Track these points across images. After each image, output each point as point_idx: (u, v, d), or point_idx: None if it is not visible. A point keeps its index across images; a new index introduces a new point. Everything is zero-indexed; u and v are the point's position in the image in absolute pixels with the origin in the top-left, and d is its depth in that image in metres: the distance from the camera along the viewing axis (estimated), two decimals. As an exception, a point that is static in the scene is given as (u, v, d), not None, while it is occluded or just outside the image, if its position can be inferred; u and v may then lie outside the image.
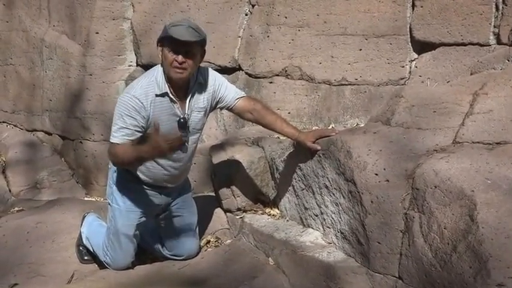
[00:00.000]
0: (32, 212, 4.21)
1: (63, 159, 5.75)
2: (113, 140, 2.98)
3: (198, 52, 2.99)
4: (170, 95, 3.01)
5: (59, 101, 5.66)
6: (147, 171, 3.16)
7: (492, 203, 2.35)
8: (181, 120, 3.06)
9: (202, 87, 3.14)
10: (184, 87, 3.07)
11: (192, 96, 3.10)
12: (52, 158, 5.74)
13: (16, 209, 4.82)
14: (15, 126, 6.16)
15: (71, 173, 5.66)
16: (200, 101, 3.14)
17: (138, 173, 3.18)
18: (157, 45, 3.01)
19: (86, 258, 3.53)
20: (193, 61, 2.97)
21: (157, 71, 3.04)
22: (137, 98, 2.94)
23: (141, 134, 2.99)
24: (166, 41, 2.93)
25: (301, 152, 3.28)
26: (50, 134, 5.88)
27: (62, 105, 5.64)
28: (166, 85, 3.00)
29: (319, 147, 3.12)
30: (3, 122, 6.26)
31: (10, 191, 5.32)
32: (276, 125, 3.25)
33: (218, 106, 3.29)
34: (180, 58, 2.92)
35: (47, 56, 5.74)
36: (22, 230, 3.83)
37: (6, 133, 6.06)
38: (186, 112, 3.08)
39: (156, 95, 2.99)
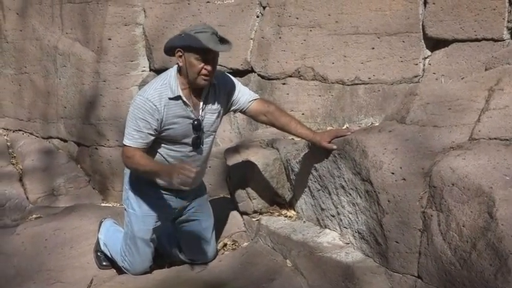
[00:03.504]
0: (49, 219, 4.23)
1: (79, 165, 5.79)
2: (126, 142, 3.01)
3: (218, 56, 3.03)
4: (183, 97, 3.03)
5: (74, 108, 5.71)
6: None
7: (511, 199, 2.32)
8: (195, 122, 3.07)
9: (216, 89, 3.15)
10: (198, 89, 3.08)
11: (207, 98, 3.11)
12: (68, 164, 5.78)
13: (34, 216, 4.85)
14: (31, 134, 6.23)
15: (87, 179, 5.70)
16: (214, 103, 3.15)
17: (153, 177, 3.19)
18: (176, 51, 2.99)
19: (104, 263, 3.54)
20: (216, 65, 3.03)
21: (170, 75, 3.05)
22: (151, 100, 2.96)
23: (153, 138, 3.02)
24: (194, 49, 2.92)
25: (317, 153, 3.27)
26: (65, 141, 5.92)
27: (76, 112, 5.69)
28: (179, 88, 3.02)
29: (335, 147, 3.12)
30: (19, 130, 6.33)
31: (28, 198, 5.36)
32: (291, 126, 3.25)
33: (232, 109, 3.30)
34: (210, 67, 2.95)
35: (61, 64, 5.79)
36: (40, 237, 3.85)
37: (23, 141, 6.12)
38: (200, 114, 3.09)
39: (169, 98, 3.01)
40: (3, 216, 4.98)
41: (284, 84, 4.54)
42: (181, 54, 2.97)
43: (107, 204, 5.25)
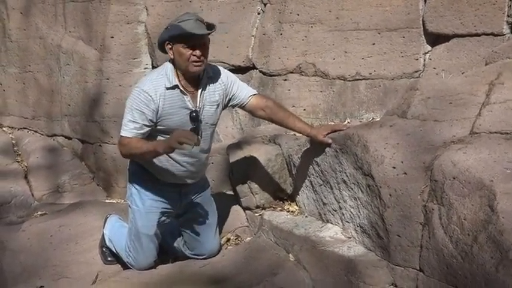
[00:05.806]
0: (54, 216, 4.26)
1: (83, 162, 5.81)
2: (122, 133, 3.05)
3: (208, 42, 3.07)
4: (180, 87, 3.07)
5: (78, 105, 5.73)
6: (164, 168, 3.20)
7: None
8: (193, 114, 3.09)
9: (213, 81, 3.19)
10: (195, 79, 3.12)
11: (204, 89, 3.15)
12: (72, 162, 5.80)
13: (39, 213, 4.89)
14: (35, 132, 6.25)
15: (92, 176, 5.73)
16: (212, 95, 3.18)
17: (156, 172, 3.22)
18: (165, 44, 3.05)
19: (109, 259, 3.58)
20: (207, 51, 3.06)
21: (167, 67, 3.10)
22: (146, 91, 3.01)
23: (149, 128, 3.05)
24: (180, 38, 2.98)
25: (318, 148, 3.29)
26: (69, 138, 5.95)
27: (80, 109, 5.71)
28: (176, 78, 3.06)
29: (330, 141, 3.15)
30: (24, 128, 6.35)
31: (33, 195, 5.38)
32: (289, 121, 3.29)
33: (231, 104, 3.33)
34: (198, 52, 2.99)
35: (64, 62, 5.81)
36: (46, 234, 3.88)
37: (27, 139, 6.14)
38: (198, 105, 3.12)
39: (167, 88, 3.05)
40: (9, 213, 5.01)
41: (285, 80, 4.56)
42: (170, 46, 3.04)
43: (111, 201, 5.28)
